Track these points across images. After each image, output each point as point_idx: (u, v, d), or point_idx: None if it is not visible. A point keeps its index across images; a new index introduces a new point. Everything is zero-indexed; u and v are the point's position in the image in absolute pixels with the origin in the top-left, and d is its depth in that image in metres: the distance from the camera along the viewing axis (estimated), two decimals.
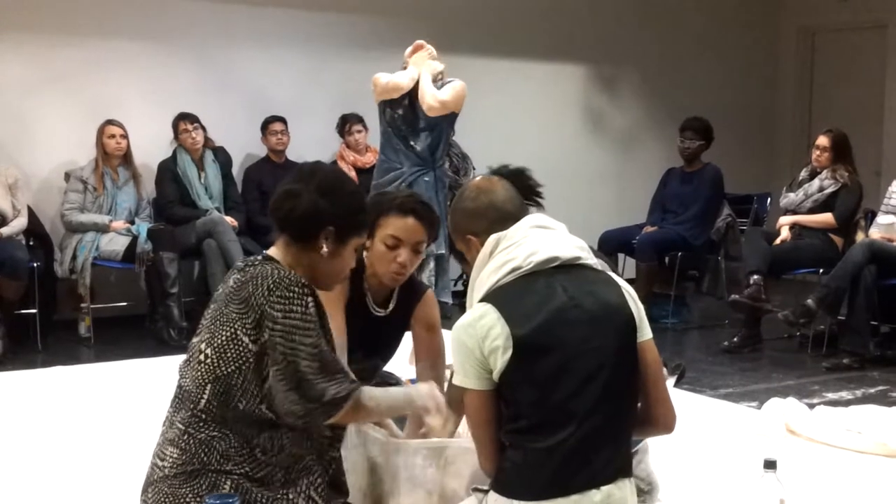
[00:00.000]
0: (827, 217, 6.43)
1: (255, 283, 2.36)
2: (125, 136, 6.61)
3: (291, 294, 2.34)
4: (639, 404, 2.41)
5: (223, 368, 2.34)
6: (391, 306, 3.25)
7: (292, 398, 2.33)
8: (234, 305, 2.36)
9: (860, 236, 6.34)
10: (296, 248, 2.47)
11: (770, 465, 2.51)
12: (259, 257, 2.49)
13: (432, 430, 2.76)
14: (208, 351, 2.37)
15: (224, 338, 2.35)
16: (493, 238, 2.39)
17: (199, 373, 2.38)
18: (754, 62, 9.81)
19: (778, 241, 6.50)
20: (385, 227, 3.05)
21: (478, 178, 2.59)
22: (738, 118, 9.32)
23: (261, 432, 2.37)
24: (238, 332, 2.34)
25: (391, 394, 2.67)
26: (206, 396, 2.36)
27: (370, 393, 2.50)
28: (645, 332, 2.40)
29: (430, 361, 3.24)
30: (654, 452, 3.32)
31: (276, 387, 2.33)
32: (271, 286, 2.34)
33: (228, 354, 2.34)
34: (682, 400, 2.60)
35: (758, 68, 9.84)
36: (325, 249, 2.45)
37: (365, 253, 3.11)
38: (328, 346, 2.43)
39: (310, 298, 2.37)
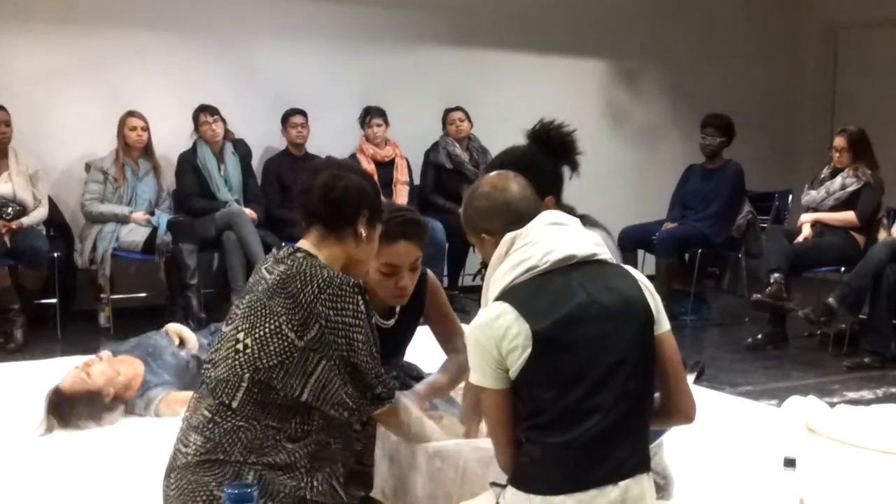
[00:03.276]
0: (849, 215, 6.39)
1: (303, 280, 2.37)
2: (146, 129, 6.63)
3: (343, 293, 2.38)
4: (657, 395, 2.40)
5: (265, 361, 2.36)
6: (396, 313, 3.19)
7: (348, 391, 2.39)
8: (279, 299, 2.37)
9: (882, 235, 6.29)
10: (331, 239, 2.49)
11: (790, 463, 2.49)
12: (295, 250, 2.48)
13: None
14: (248, 341, 2.38)
15: (267, 330, 2.37)
16: (508, 237, 2.39)
17: (236, 362, 2.39)
18: (777, 58, 9.76)
19: (799, 238, 6.46)
20: (378, 256, 2.86)
21: (492, 175, 2.57)
22: (759, 115, 9.27)
23: (292, 418, 2.39)
24: (283, 326, 2.36)
25: (418, 421, 2.68)
26: (244, 386, 2.38)
27: (405, 406, 2.59)
28: (663, 324, 2.40)
29: (455, 342, 3.21)
30: (673, 449, 3.31)
31: (333, 381, 2.37)
32: (321, 285, 2.37)
33: (271, 348, 2.36)
34: (701, 397, 2.59)
35: (780, 64, 9.79)
36: (363, 233, 2.49)
37: None
38: (376, 344, 2.48)
39: (360, 297, 2.41)
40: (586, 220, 2.89)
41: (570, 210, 2.90)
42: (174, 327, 4.72)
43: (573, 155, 2.91)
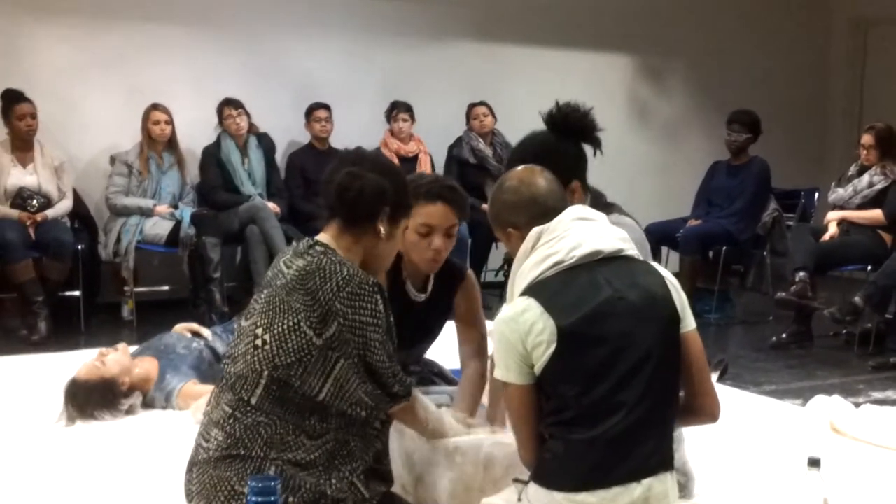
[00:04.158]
0: (876, 213, 6.34)
1: (322, 277, 2.36)
2: (169, 122, 6.65)
3: (362, 291, 2.36)
4: (681, 394, 2.39)
5: (283, 358, 2.35)
6: (430, 290, 3.24)
7: (366, 389, 2.38)
8: (298, 295, 2.36)
9: None
10: (350, 234, 2.48)
11: (814, 463, 2.47)
12: (314, 244, 2.47)
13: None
14: (266, 337, 2.37)
15: (285, 327, 2.36)
16: (534, 231, 2.38)
17: (255, 358, 2.38)
18: (804, 54, 9.70)
19: (826, 237, 6.42)
20: (415, 216, 3.00)
21: (519, 170, 2.56)
22: (786, 111, 9.22)
23: (311, 415, 2.38)
24: (301, 323, 2.34)
25: (437, 419, 2.69)
26: (263, 382, 2.37)
27: (425, 404, 2.59)
28: (688, 323, 2.39)
29: (474, 346, 3.24)
30: (696, 447, 3.29)
31: (351, 379, 2.36)
32: (340, 283, 2.35)
33: (289, 345, 2.35)
34: (724, 396, 2.58)
35: (808, 61, 9.73)
36: (383, 231, 2.47)
37: None
38: (392, 344, 2.47)
39: (378, 297, 2.40)
40: (615, 209, 2.88)
41: (599, 195, 2.89)
42: (182, 325, 4.77)
43: (593, 134, 2.88)
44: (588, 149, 2.91)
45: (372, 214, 2.47)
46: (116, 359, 4.34)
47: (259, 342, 2.38)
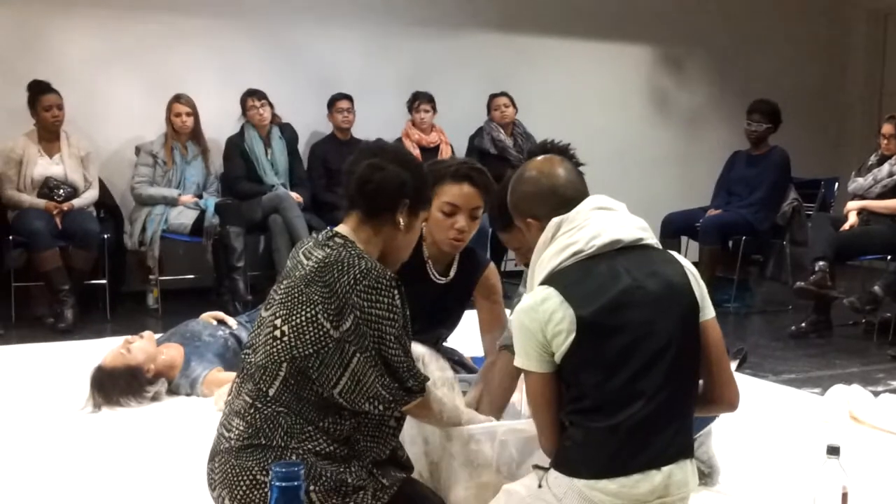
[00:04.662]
0: None
1: (339, 269, 2.36)
2: (191, 114, 6.68)
3: (379, 285, 2.36)
4: (700, 382, 2.41)
5: (300, 350, 2.36)
6: (452, 273, 3.27)
7: (384, 383, 2.37)
8: (316, 287, 2.36)
9: None
10: (370, 226, 2.48)
11: (833, 451, 2.49)
12: (333, 235, 2.48)
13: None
14: (285, 328, 2.38)
15: (303, 318, 2.36)
16: (554, 221, 2.38)
17: (274, 349, 2.39)
18: (824, 44, 9.66)
19: (845, 226, 6.40)
20: (441, 195, 3.06)
21: (539, 160, 2.56)
22: (806, 101, 9.19)
23: (325, 416, 2.39)
24: (319, 315, 2.34)
25: (452, 409, 2.69)
26: (281, 374, 2.38)
27: (437, 397, 2.58)
28: (708, 311, 2.39)
29: (497, 334, 3.26)
30: (717, 436, 3.32)
31: (367, 373, 2.36)
32: (358, 276, 2.35)
33: (307, 336, 2.35)
34: (744, 385, 2.59)
35: (828, 50, 9.69)
36: (402, 223, 2.48)
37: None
38: (408, 339, 2.47)
39: (395, 291, 2.39)
40: None
41: None
42: (208, 314, 4.82)
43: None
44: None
45: (392, 207, 2.47)
46: (142, 346, 4.40)
47: (278, 333, 2.39)
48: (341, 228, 2.50)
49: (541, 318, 2.27)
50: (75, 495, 3.29)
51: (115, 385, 4.25)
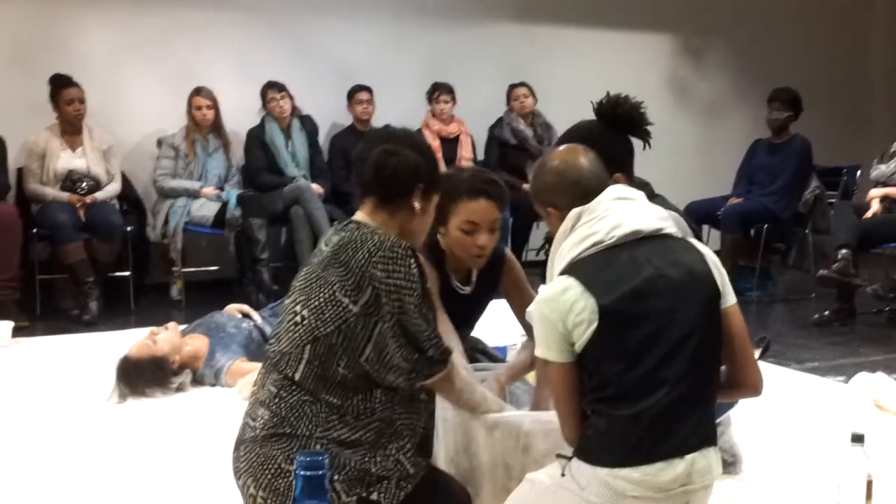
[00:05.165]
0: None
1: (354, 247, 2.38)
2: (211, 107, 6.72)
3: (394, 255, 2.36)
4: (723, 369, 2.41)
5: (322, 329, 2.37)
6: (474, 280, 3.27)
7: (403, 353, 2.38)
8: (333, 269, 2.38)
9: None
10: (385, 211, 2.48)
11: (857, 439, 2.49)
12: (349, 222, 2.49)
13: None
14: (304, 312, 2.39)
15: (321, 299, 2.37)
16: (574, 212, 2.37)
17: (296, 334, 2.40)
18: (845, 31, 9.59)
19: (868, 214, 6.37)
20: (458, 214, 3.00)
21: (561, 149, 2.55)
22: (828, 89, 9.13)
23: (355, 394, 2.39)
24: (337, 293, 2.36)
25: (474, 388, 2.69)
26: (305, 357, 2.39)
27: (462, 372, 2.57)
28: (729, 298, 2.38)
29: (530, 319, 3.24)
30: (739, 425, 3.32)
31: (389, 344, 2.37)
32: (372, 248, 2.36)
33: (326, 315, 2.36)
34: (767, 373, 2.58)
35: (849, 36, 9.62)
36: (417, 206, 2.48)
37: (439, 236, 3.11)
38: (430, 309, 2.46)
39: (412, 260, 2.39)
40: (659, 200, 2.89)
41: (643, 185, 2.90)
42: (233, 306, 4.85)
43: (642, 128, 2.90)
44: (637, 142, 2.91)
45: (407, 191, 2.47)
46: (167, 338, 4.44)
47: (298, 318, 2.40)
48: (357, 216, 2.51)
49: (561, 308, 2.26)
50: (102, 484, 3.32)
51: (140, 375, 4.28)
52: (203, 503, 3.15)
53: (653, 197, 2.92)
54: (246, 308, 4.85)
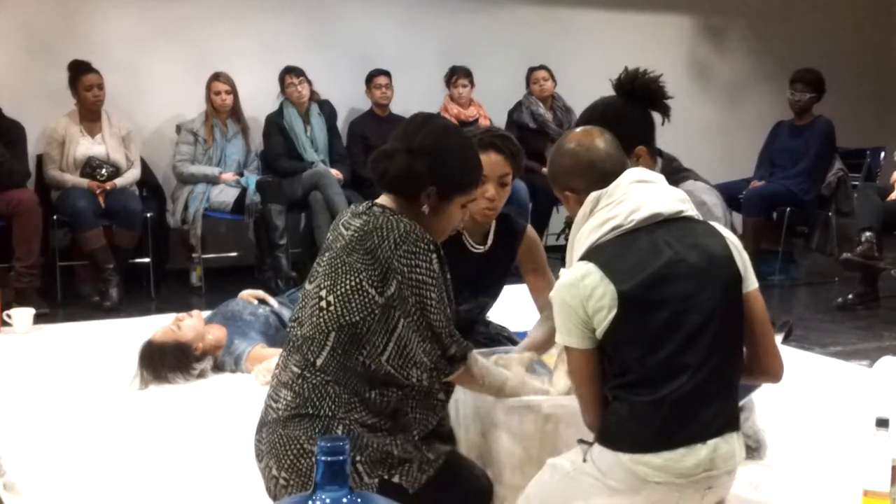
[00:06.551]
0: None
1: (380, 235, 2.37)
2: (230, 92, 6.72)
3: (417, 249, 2.36)
4: (744, 353, 2.39)
5: (347, 317, 2.37)
6: (489, 242, 3.26)
7: (426, 348, 2.38)
8: (357, 255, 2.37)
9: None
10: (399, 203, 2.48)
11: (882, 423, 2.47)
12: (372, 205, 2.47)
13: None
14: (330, 298, 2.39)
15: (348, 287, 2.37)
16: (592, 196, 2.36)
17: (321, 320, 2.40)
18: (869, 11, 9.50)
19: (892, 196, 6.31)
20: None
21: (578, 131, 2.53)
22: (851, 70, 9.05)
23: (371, 388, 2.40)
24: (364, 282, 2.36)
25: (494, 374, 2.67)
26: (329, 344, 2.39)
27: (480, 362, 2.56)
28: (751, 283, 2.36)
29: (547, 293, 3.23)
30: (764, 409, 3.30)
31: (411, 338, 2.37)
32: (398, 240, 2.36)
33: (353, 304, 2.36)
34: (790, 357, 2.57)
35: (873, 18, 9.53)
36: (425, 207, 2.46)
37: None
38: (449, 304, 2.45)
39: (434, 255, 2.39)
40: (690, 174, 2.87)
41: (671, 160, 2.88)
42: (247, 292, 4.85)
43: (661, 101, 2.87)
44: (657, 116, 2.89)
45: (412, 194, 2.45)
46: (192, 324, 4.45)
47: (323, 304, 2.40)
48: (382, 199, 2.50)
49: (581, 294, 2.25)
50: (125, 470, 3.33)
51: (163, 360, 4.30)
52: (225, 487, 3.15)
53: (682, 171, 2.90)
54: (261, 293, 4.85)
